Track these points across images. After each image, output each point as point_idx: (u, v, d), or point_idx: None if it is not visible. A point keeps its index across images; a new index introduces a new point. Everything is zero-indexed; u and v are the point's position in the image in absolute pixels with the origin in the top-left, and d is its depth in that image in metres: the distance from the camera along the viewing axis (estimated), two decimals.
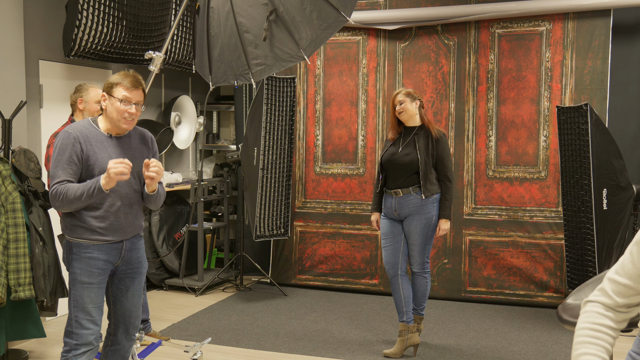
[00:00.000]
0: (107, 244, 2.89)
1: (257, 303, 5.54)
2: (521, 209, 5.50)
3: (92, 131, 2.89)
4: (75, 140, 2.82)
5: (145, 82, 3.04)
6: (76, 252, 2.85)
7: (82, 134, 2.85)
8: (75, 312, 2.85)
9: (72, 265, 2.87)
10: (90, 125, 2.91)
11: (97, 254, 2.86)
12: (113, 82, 2.90)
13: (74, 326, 2.85)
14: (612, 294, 1.54)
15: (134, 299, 3.07)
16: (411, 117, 4.19)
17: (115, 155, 2.88)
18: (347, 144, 5.96)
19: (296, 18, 3.61)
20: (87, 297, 2.85)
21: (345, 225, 5.96)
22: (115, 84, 2.88)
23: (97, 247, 2.86)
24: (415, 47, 5.72)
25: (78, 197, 2.74)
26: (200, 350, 3.73)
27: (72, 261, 2.86)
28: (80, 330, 2.85)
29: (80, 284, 2.85)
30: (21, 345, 4.31)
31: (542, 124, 5.43)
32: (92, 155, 2.83)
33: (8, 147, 4.00)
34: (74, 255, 2.86)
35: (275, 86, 5.67)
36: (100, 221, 2.85)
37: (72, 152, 2.80)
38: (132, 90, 2.88)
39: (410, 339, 4.20)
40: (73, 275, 2.86)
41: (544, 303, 5.40)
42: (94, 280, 2.87)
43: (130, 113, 2.88)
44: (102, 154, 2.86)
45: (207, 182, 6.21)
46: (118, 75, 2.92)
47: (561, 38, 5.35)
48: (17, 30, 4.40)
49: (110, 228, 2.88)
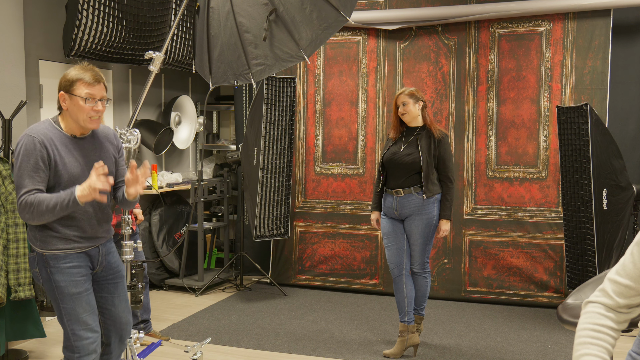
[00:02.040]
0: (84, 252, 2.73)
1: (257, 303, 5.54)
2: (521, 209, 5.50)
3: (56, 133, 2.65)
4: (41, 144, 2.57)
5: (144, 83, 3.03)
6: (54, 264, 2.66)
7: (46, 136, 2.61)
8: (70, 325, 2.69)
9: (54, 279, 2.67)
10: (52, 127, 2.66)
11: (77, 262, 2.70)
12: (72, 79, 2.62)
13: (73, 339, 2.69)
14: (613, 294, 1.54)
15: (122, 304, 2.91)
16: (414, 118, 4.19)
17: (81, 158, 2.69)
18: (347, 144, 5.96)
19: (296, 18, 3.61)
20: (79, 307, 2.69)
21: (345, 225, 5.96)
22: (75, 81, 2.61)
23: (75, 256, 2.70)
24: (415, 47, 5.72)
25: (51, 209, 2.53)
26: (200, 350, 3.72)
27: (52, 275, 2.67)
28: (80, 342, 2.70)
29: (69, 296, 2.67)
30: (21, 345, 4.31)
31: (542, 124, 5.43)
32: (59, 160, 2.61)
33: (8, 147, 4.00)
34: (52, 268, 2.66)
35: (275, 86, 5.67)
36: (75, 229, 2.68)
37: (37, 157, 2.56)
38: (95, 86, 2.62)
39: (410, 339, 4.20)
40: (59, 290, 2.67)
41: (544, 303, 5.40)
42: (81, 288, 2.71)
43: (96, 111, 2.64)
44: (69, 158, 2.65)
45: (207, 182, 6.21)
46: (74, 70, 2.64)
47: (561, 38, 5.35)
48: (17, 30, 4.40)
49: (85, 235, 2.72)
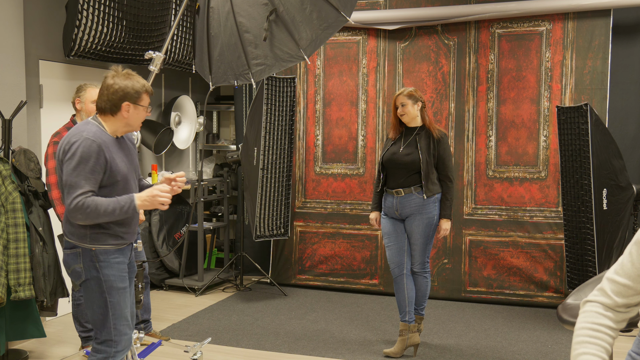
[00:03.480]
0: (125, 247, 2.89)
1: (257, 303, 5.54)
2: (521, 209, 5.50)
3: (106, 136, 2.78)
4: (100, 149, 2.70)
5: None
6: (104, 259, 2.78)
7: (103, 141, 2.74)
8: (114, 320, 2.79)
9: (103, 273, 2.77)
10: (101, 130, 2.79)
11: (122, 257, 2.85)
12: (138, 90, 2.78)
13: (114, 334, 2.80)
14: (612, 293, 1.54)
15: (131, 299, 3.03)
16: (413, 119, 4.20)
17: (125, 158, 2.84)
18: (347, 144, 5.96)
19: (296, 18, 3.61)
20: (123, 303, 2.83)
21: (345, 225, 5.96)
22: (141, 93, 2.79)
23: (120, 251, 2.84)
24: (415, 47, 5.72)
25: (110, 213, 2.67)
26: (200, 350, 3.73)
27: (102, 269, 2.77)
28: (120, 337, 2.81)
29: (116, 290, 2.80)
30: (21, 345, 4.31)
31: (542, 124, 5.43)
32: (113, 163, 2.76)
33: (8, 147, 4.00)
34: (102, 263, 2.77)
35: (275, 86, 5.67)
36: (124, 227, 2.84)
37: (96, 161, 2.68)
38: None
39: (410, 338, 4.20)
40: (108, 284, 2.78)
41: (544, 303, 5.40)
42: (126, 284, 2.86)
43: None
44: (118, 159, 2.80)
45: (207, 182, 6.22)
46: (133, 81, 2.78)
47: (561, 38, 5.35)
48: (17, 30, 4.40)
49: (128, 231, 2.88)
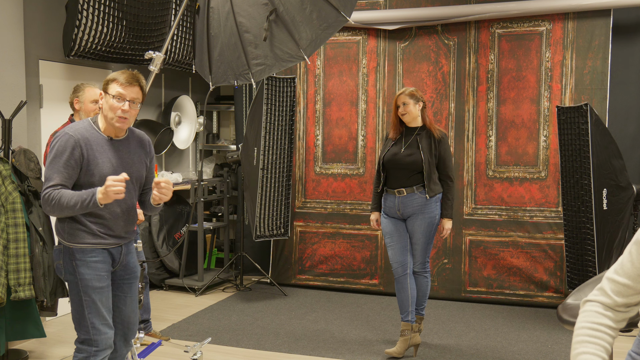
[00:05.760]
0: (107, 249, 2.86)
1: (257, 303, 5.54)
2: (521, 209, 5.50)
3: (93, 134, 2.81)
4: (76, 144, 2.72)
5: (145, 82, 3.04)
6: (80, 257, 2.79)
7: (84, 137, 2.76)
8: (91, 318, 2.80)
9: (79, 272, 2.79)
10: (91, 127, 2.83)
11: (101, 257, 2.83)
12: (109, 79, 2.81)
13: (92, 333, 2.80)
14: (611, 293, 1.54)
15: (132, 304, 3.03)
16: (414, 118, 4.20)
17: (115, 159, 2.82)
18: (347, 144, 5.96)
19: (296, 18, 3.61)
20: (99, 302, 2.81)
21: (345, 225, 5.96)
22: (111, 80, 2.80)
23: (100, 252, 2.83)
24: (415, 47, 5.72)
25: (71, 207, 2.68)
26: (200, 350, 3.73)
27: (78, 267, 2.79)
28: (99, 336, 2.81)
29: (92, 289, 2.80)
30: (21, 345, 4.31)
31: (542, 124, 5.43)
32: (92, 160, 2.76)
33: (8, 147, 4.00)
34: (78, 261, 2.79)
35: (275, 86, 5.67)
36: (102, 227, 2.82)
37: (70, 156, 2.71)
38: (127, 87, 2.77)
39: (412, 338, 4.20)
40: (83, 282, 2.79)
41: (544, 303, 5.40)
42: (104, 283, 2.84)
43: (123, 110, 2.76)
44: (103, 159, 2.79)
45: (207, 182, 6.22)
46: (117, 72, 2.85)
47: (561, 38, 5.35)
48: (17, 30, 4.40)
49: (110, 233, 2.85)
